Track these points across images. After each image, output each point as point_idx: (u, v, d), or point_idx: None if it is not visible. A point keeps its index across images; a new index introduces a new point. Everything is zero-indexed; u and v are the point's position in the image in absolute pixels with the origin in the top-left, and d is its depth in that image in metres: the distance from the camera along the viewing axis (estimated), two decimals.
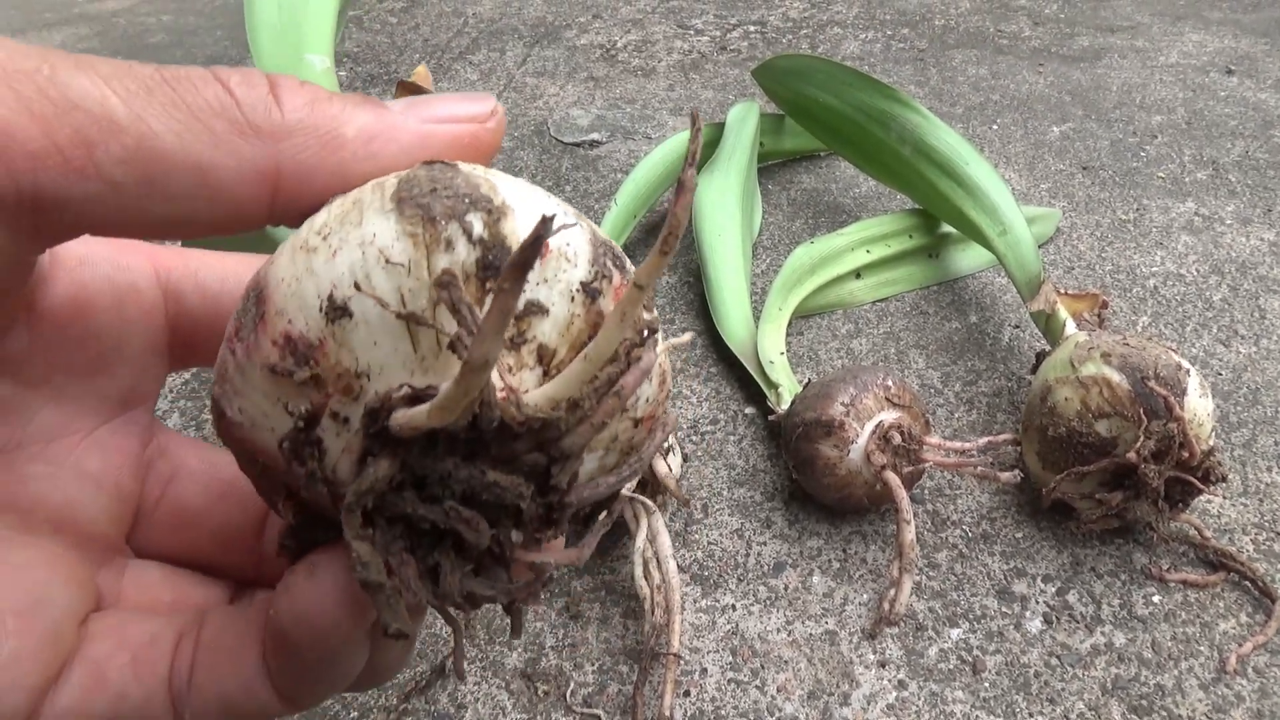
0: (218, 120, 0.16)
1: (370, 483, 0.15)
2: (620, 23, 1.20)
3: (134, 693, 0.17)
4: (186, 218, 0.16)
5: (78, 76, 0.15)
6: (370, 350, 0.16)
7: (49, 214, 0.15)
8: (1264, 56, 1.02)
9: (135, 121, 0.15)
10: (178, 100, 0.16)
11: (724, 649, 0.41)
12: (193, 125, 0.16)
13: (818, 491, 0.46)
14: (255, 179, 0.16)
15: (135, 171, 0.15)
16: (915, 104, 0.64)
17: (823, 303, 0.62)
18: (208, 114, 0.16)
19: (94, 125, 0.15)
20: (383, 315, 0.15)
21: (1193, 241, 0.69)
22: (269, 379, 0.16)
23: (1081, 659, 0.40)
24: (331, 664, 0.18)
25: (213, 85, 0.16)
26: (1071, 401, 0.43)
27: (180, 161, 0.15)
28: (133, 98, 0.15)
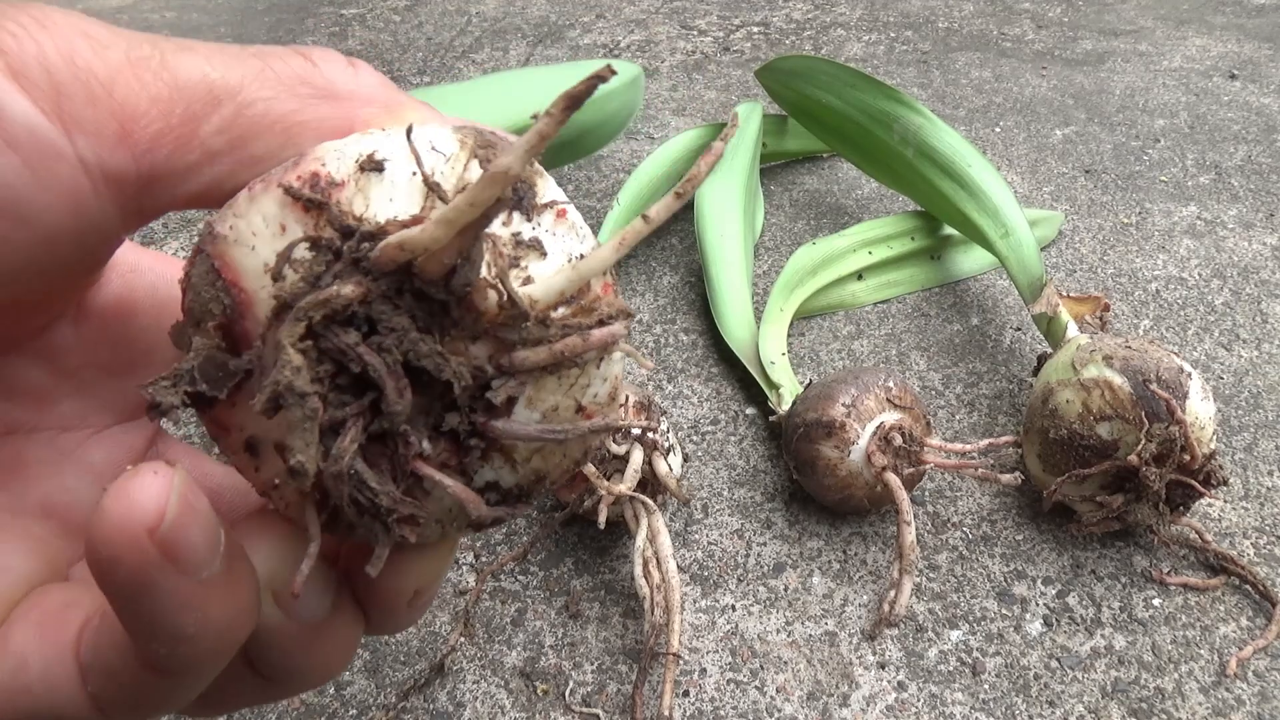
0: (303, 86, 0.18)
1: (328, 296, 0.15)
2: (623, 23, 1.20)
3: (34, 660, 0.17)
4: None
5: (183, 58, 0.16)
6: (384, 205, 0.16)
7: (155, 191, 0.17)
8: (1267, 61, 1.02)
9: (232, 93, 0.17)
10: (267, 70, 0.17)
11: (723, 649, 0.41)
12: (280, 92, 0.17)
13: (818, 492, 0.46)
14: (334, 137, 0.18)
15: (230, 139, 0.17)
16: (918, 105, 0.64)
17: (824, 304, 0.62)
18: (294, 81, 0.17)
19: (199, 101, 0.16)
20: (411, 181, 0.16)
21: (1195, 245, 0.69)
22: (278, 199, 0.17)
23: (1081, 662, 0.40)
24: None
25: (297, 57, 0.18)
26: (1073, 404, 0.43)
27: (269, 125, 0.17)
28: (229, 71, 0.17)
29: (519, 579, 0.44)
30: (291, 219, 0.16)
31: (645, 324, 0.62)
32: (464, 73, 1.05)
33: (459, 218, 0.14)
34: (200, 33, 1.23)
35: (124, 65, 0.16)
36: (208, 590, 0.16)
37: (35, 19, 0.16)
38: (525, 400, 0.17)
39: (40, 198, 0.16)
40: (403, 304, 0.16)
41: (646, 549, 0.40)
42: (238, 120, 0.17)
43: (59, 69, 0.15)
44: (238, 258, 0.17)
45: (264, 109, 0.17)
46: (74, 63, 0.16)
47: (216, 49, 0.17)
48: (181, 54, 0.17)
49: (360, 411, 0.16)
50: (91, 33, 0.16)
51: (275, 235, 0.17)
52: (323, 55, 0.18)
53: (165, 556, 0.15)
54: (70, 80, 0.16)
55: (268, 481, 0.18)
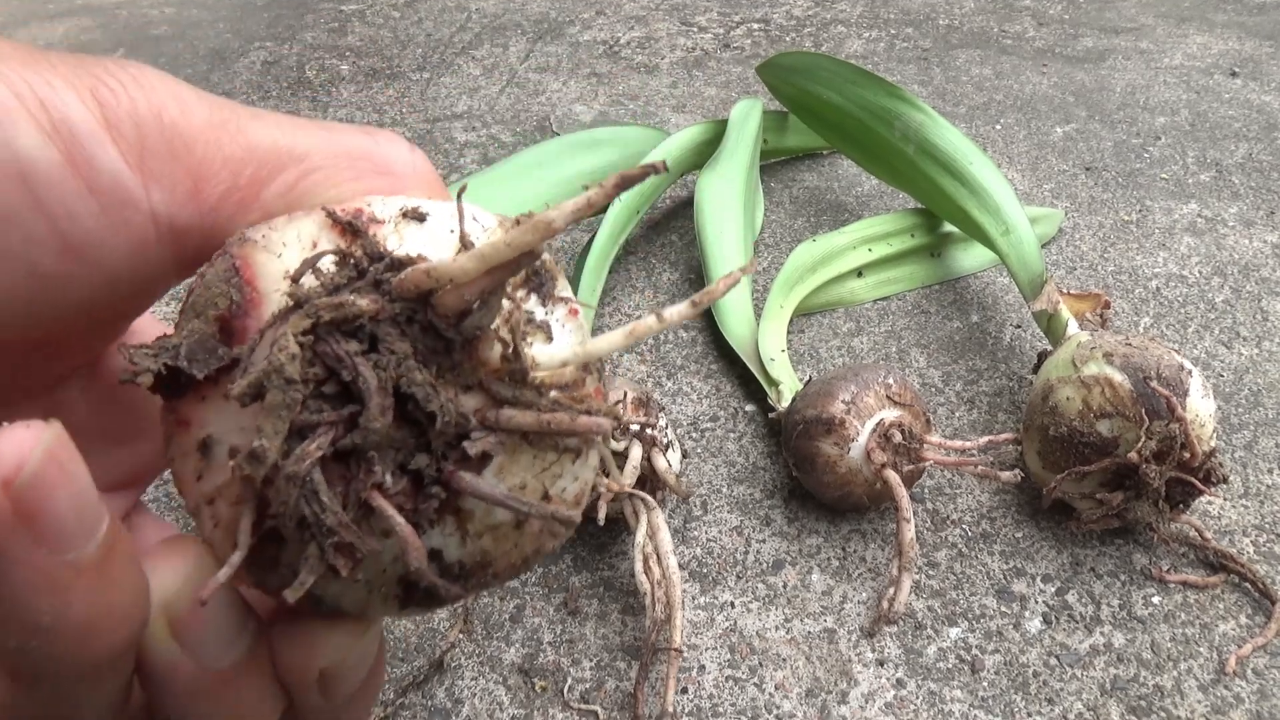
0: (363, 160, 0.19)
1: (342, 301, 0.15)
2: (624, 19, 1.20)
3: None
4: None
5: (258, 124, 0.18)
6: (418, 244, 0.17)
7: (211, 243, 0.18)
8: (1268, 59, 1.02)
9: (297, 159, 0.18)
10: (332, 141, 0.18)
11: (722, 646, 0.41)
12: (340, 162, 0.18)
13: (817, 489, 0.46)
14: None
15: (289, 201, 0.18)
16: (919, 102, 0.64)
17: (824, 301, 0.62)
18: (355, 154, 0.19)
19: (267, 165, 0.18)
20: (447, 236, 0.17)
21: (1195, 243, 0.69)
22: (318, 220, 0.17)
23: (1080, 659, 0.40)
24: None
25: (361, 134, 0.19)
26: (1073, 401, 0.43)
27: (326, 190, 0.18)
28: (298, 138, 0.18)
29: None
30: (325, 238, 0.17)
31: None
32: (464, 69, 1.05)
33: (494, 255, 0.15)
34: (199, 28, 1.23)
35: (205, 127, 0.17)
36: (74, 576, 0.14)
37: (134, 77, 0.17)
38: (496, 466, 0.17)
39: (110, 241, 0.17)
40: (410, 332, 0.16)
41: (646, 545, 0.40)
42: (299, 185, 0.18)
43: (148, 125, 0.17)
44: (261, 260, 0.17)
45: (323, 177, 0.18)
46: (161, 120, 0.17)
47: (288, 119, 0.19)
48: (256, 120, 0.18)
49: (336, 421, 0.15)
50: (181, 95, 0.17)
51: (305, 248, 0.17)
52: (388, 137, 0.20)
53: (19, 516, 0.13)
54: (156, 136, 0.17)
55: (207, 494, 0.17)
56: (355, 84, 1.02)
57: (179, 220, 0.17)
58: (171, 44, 1.17)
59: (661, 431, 0.44)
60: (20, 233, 0.16)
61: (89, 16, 1.29)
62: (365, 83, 1.02)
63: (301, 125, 0.19)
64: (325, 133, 0.19)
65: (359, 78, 1.04)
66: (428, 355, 0.16)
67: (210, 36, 1.19)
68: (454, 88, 1.00)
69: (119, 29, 1.24)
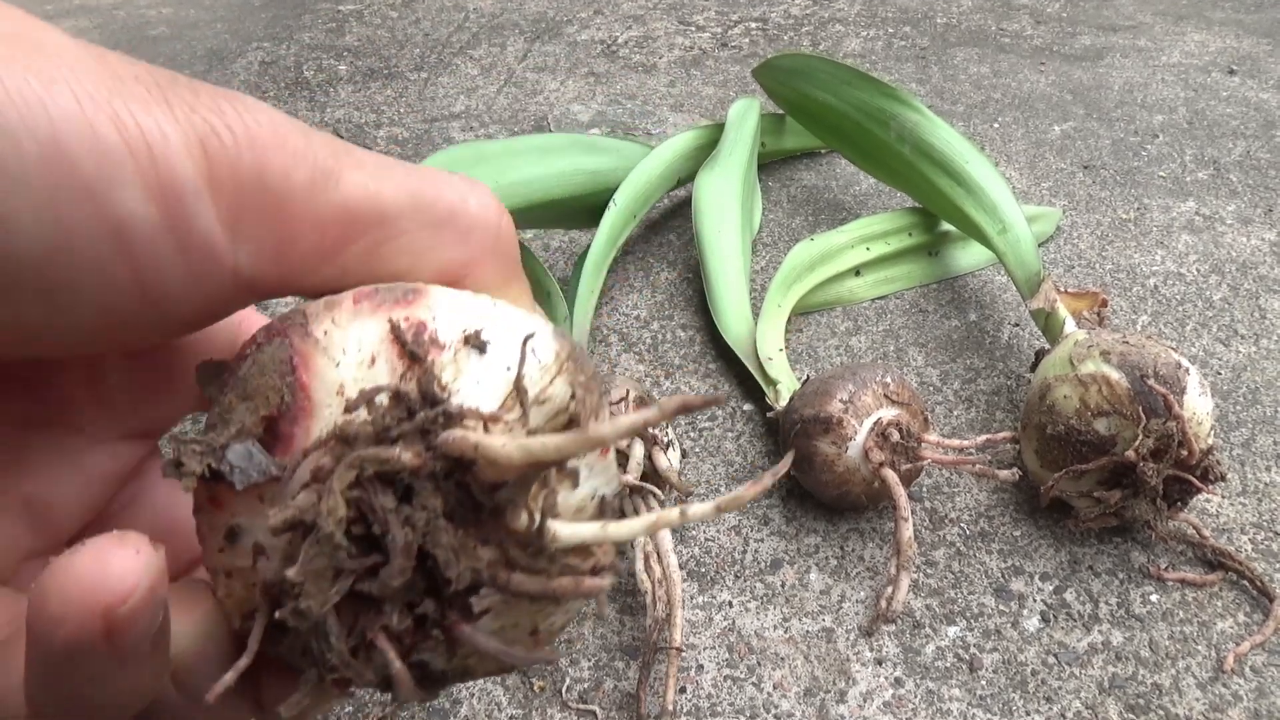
0: (447, 228, 0.19)
1: (389, 458, 0.16)
2: (621, 18, 1.20)
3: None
4: None
5: (354, 175, 0.18)
6: (471, 386, 0.17)
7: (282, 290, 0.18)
8: (1266, 56, 1.02)
9: (382, 222, 0.18)
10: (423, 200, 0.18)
11: (720, 646, 0.41)
12: (424, 227, 0.18)
13: (816, 488, 0.46)
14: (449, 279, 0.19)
15: (366, 261, 0.18)
16: (915, 102, 0.64)
17: (822, 300, 0.62)
18: (441, 218, 0.19)
19: (355, 225, 0.18)
20: (503, 375, 0.17)
21: (1193, 241, 0.69)
22: (381, 332, 0.17)
23: (1079, 657, 0.40)
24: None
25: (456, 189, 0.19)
26: (1070, 399, 0.43)
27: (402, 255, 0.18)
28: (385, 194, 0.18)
29: None
30: (384, 356, 0.17)
31: (643, 320, 0.62)
32: (461, 69, 1.05)
33: (543, 456, 0.15)
34: (197, 28, 1.23)
35: (304, 185, 0.17)
36: (126, 667, 0.15)
37: (246, 126, 0.17)
38: (494, 613, 0.17)
39: (189, 293, 0.17)
40: (444, 487, 0.16)
41: (647, 544, 0.40)
42: (379, 250, 0.18)
43: (248, 185, 0.17)
44: (320, 365, 0.17)
45: (404, 244, 0.18)
46: (263, 180, 0.17)
47: (387, 166, 0.18)
48: (357, 170, 0.18)
49: (359, 570, 0.16)
50: (288, 142, 0.17)
51: (363, 364, 0.17)
52: (479, 194, 0.19)
53: (107, 637, 0.14)
54: (255, 197, 0.17)
55: (225, 568, 0.18)
56: (353, 84, 1.02)
57: (258, 277, 0.17)
58: (169, 44, 1.17)
59: (662, 430, 0.44)
60: (101, 278, 0.16)
61: (86, 17, 1.29)
62: (363, 83, 1.02)
63: (397, 176, 0.18)
64: (417, 185, 0.19)
65: (357, 78, 1.04)
66: (456, 509, 0.16)
67: (208, 37, 1.19)
68: (452, 87, 1.00)
69: (116, 29, 1.24)
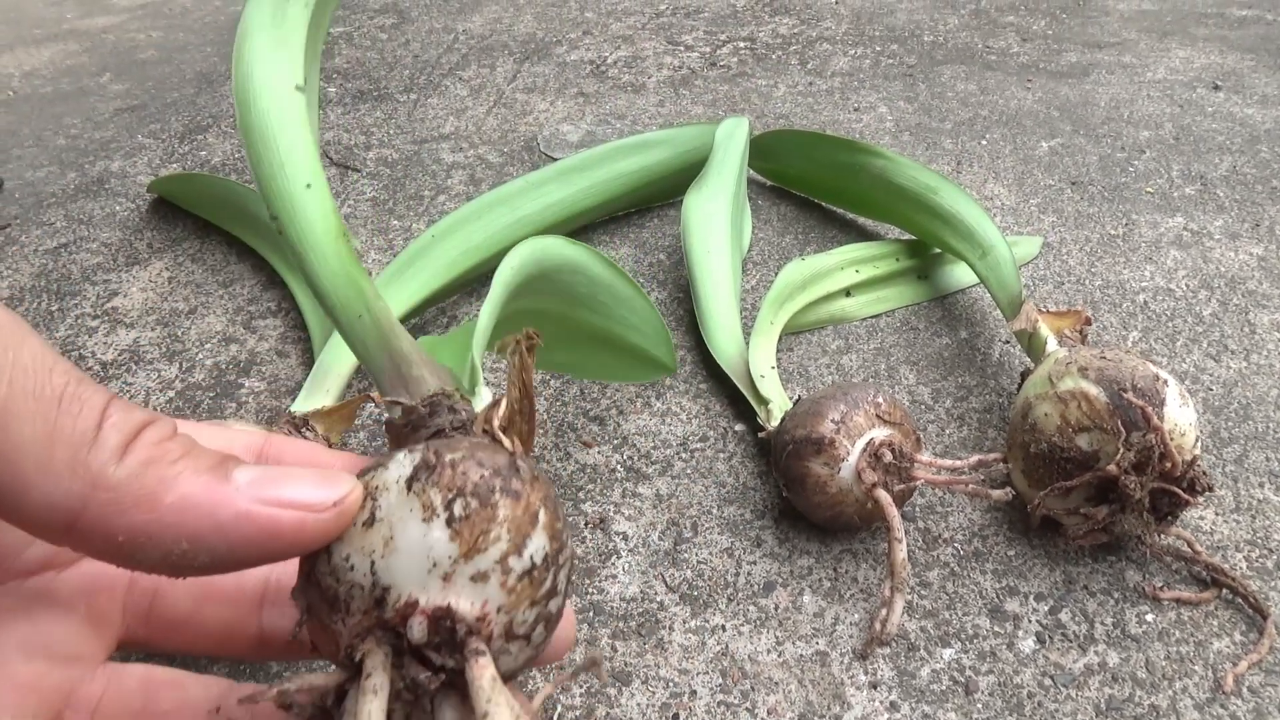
0: (64, 449, 0.17)
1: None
2: (610, 39, 1.20)
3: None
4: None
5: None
6: None
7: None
8: (1250, 72, 1.03)
9: (1, 414, 0.16)
10: (52, 418, 0.17)
11: (713, 670, 0.40)
12: (41, 444, 0.17)
13: (808, 510, 0.45)
14: (58, 513, 0.17)
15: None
16: (877, 148, 0.68)
17: (814, 319, 0.62)
18: (63, 440, 0.17)
19: None
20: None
21: (1182, 256, 0.69)
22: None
23: (1075, 679, 0.40)
24: None
25: (92, 416, 0.18)
26: (1051, 417, 0.43)
27: (8, 466, 0.17)
28: (20, 395, 0.17)
29: None
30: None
31: None
32: (451, 90, 1.05)
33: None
34: (186, 51, 1.23)
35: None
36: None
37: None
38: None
39: None
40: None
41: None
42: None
43: None
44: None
45: (12, 447, 0.17)
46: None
47: (43, 369, 0.17)
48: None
49: None
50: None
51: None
52: (116, 424, 0.18)
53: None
54: None
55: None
56: (342, 106, 1.02)
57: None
58: (158, 68, 1.17)
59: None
60: None
61: (75, 41, 1.29)
62: (352, 105, 1.02)
63: (38, 389, 0.18)
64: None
65: (346, 100, 1.04)
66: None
67: (197, 60, 1.19)
68: (441, 109, 1.00)
69: (105, 53, 1.24)
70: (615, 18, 1.29)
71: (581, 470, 0.51)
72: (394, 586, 0.19)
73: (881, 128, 0.92)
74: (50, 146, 0.94)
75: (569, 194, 0.68)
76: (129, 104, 1.05)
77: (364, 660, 0.18)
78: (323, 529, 0.19)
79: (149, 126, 0.98)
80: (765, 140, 0.78)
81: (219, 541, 0.18)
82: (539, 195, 0.67)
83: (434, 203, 0.80)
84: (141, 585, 0.22)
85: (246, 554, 0.18)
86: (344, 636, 0.19)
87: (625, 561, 0.46)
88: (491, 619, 0.20)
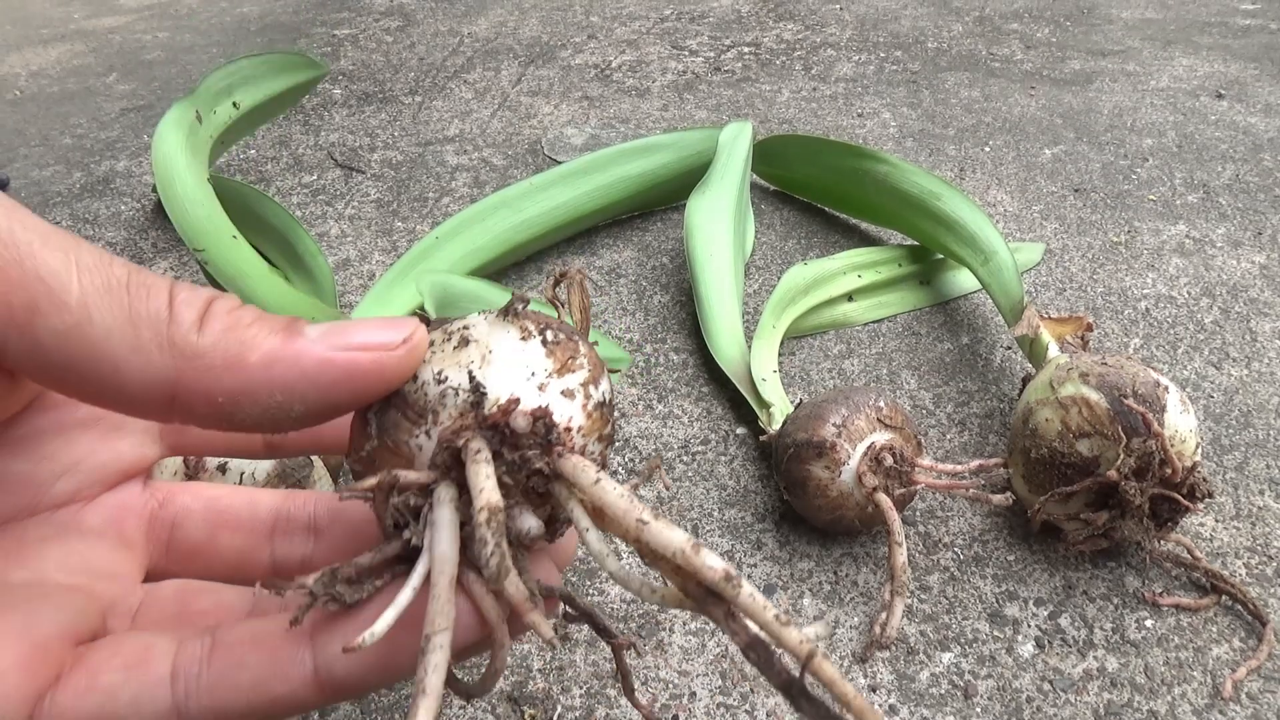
0: (146, 329, 0.18)
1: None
2: (615, 43, 1.21)
3: (124, 688, 0.19)
4: (94, 396, 0.18)
5: (57, 257, 0.17)
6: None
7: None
8: (1253, 81, 1.03)
9: (80, 308, 0.17)
10: (125, 303, 0.18)
11: (713, 672, 0.41)
12: (124, 328, 0.18)
13: (809, 513, 0.45)
14: (158, 386, 0.18)
15: (63, 347, 0.17)
16: (881, 154, 0.69)
17: (816, 323, 0.62)
18: (142, 321, 0.18)
19: (47, 299, 0.17)
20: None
21: (1184, 264, 0.69)
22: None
23: (1074, 684, 0.40)
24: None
25: (161, 297, 0.18)
26: (1052, 422, 0.43)
27: (101, 353, 0.18)
28: (91, 288, 0.18)
29: None
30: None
31: (636, 343, 0.62)
32: (456, 93, 1.05)
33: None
34: (192, 52, 1.23)
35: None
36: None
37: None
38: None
39: None
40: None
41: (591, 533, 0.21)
42: (73, 334, 0.18)
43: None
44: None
45: (100, 336, 0.18)
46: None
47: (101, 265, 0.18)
48: (60, 252, 0.18)
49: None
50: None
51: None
52: (186, 300, 0.19)
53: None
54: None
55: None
56: (348, 108, 1.02)
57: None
58: (164, 68, 1.18)
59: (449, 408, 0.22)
60: None
61: (82, 41, 1.30)
62: (358, 107, 1.02)
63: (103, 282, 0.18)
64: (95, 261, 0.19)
65: (351, 101, 1.04)
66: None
67: (203, 61, 1.20)
68: (446, 111, 1.00)
69: (112, 54, 1.24)
70: (620, 22, 1.30)
71: None
72: (492, 390, 0.20)
73: (885, 133, 0.93)
74: (56, 146, 0.95)
75: (572, 197, 0.69)
76: (135, 104, 1.06)
77: (466, 445, 0.19)
78: (398, 365, 0.20)
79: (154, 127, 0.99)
80: (769, 145, 0.78)
81: (308, 389, 0.19)
82: (543, 198, 0.67)
83: (438, 205, 0.80)
84: (160, 517, 0.24)
85: (337, 397, 0.19)
86: (435, 440, 0.20)
87: (626, 563, 0.46)
88: (574, 435, 0.21)
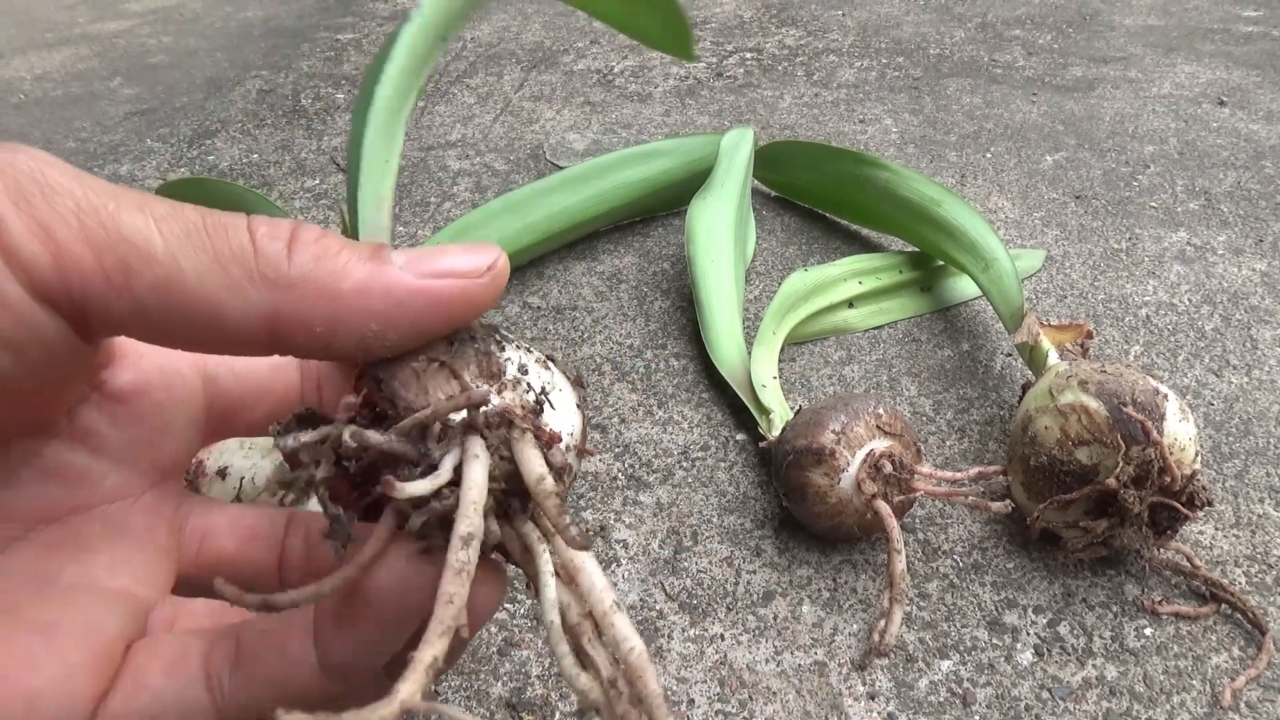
0: (235, 267, 0.19)
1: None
2: (617, 48, 1.21)
3: (167, 690, 0.20)
4: (200, 340, 0.19)
5: (135, 215, 0.18)
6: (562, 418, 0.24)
7: (94, 317, 0.18)
8: (1255, 88, 1.03)
9: (169, 259, 0.18)
10: (208, 246, 0.18)
11: (712, 679, 0.41)
12: (214, 269, 0.18)
13: (808, 520, 0.45)
14: (257, 320, 0.19)
15: (161, 299, 0.18)
16: (883, 160, 0.68)
17: (816, 329, 0.62)
18: (229, 260, 0.18)
19: (136, 257, 0.18)
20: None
21: (1185, 271, 0.69)
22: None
23: (1073, 692, 0.40)
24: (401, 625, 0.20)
25: (241, 234, 0.19)
26: (1051, 430, 0.43)
27: (198, 298, 0.18)
28: (173, 238, 0.18)
29: (505, 608, 0.44)
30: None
31: (636, 349, 0.62)
32: (458, 97, 1.05)
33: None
34: (196, 56, 1.24)
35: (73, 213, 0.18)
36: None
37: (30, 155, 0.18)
38: None
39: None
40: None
41: (567, 606, 0.20)
42: (168, 284, 0.18)
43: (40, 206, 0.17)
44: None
45: (194, 282, 0.18)
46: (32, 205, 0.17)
47: (174, 212, 0.18)
48: (135, 210, 0.18)
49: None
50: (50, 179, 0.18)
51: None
52: (268, 234, 0.19)
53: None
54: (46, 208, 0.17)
55: None
56: (350, 112, 1.02)
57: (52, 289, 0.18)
58: (168, 72, 1.18)
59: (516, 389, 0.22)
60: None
61: (86, 45, 1.30)
62: None
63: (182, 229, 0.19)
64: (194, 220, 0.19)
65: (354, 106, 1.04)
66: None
67: (207, 65, 1.20)
68: (448, 116, 1.00)
69: (116, 57, 1.25)
70: None
71: (582, 478, 0.51)
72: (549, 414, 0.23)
73: (886, 140, 0.93)
74: (60, 149, 0.95)
75: (574, 202, 0.69)
76: (139, 108, 1.06)
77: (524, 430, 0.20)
78: (483, 292, 0.21)
79: (158, 131, 0.99)
80: (770, 151, 0.78)
81: (401, 317, 0.19)
82: (544, 203, 0.67)
83: (440, 209, 0.80)
84: (191, 526, 0.24)
85: (430, 325, 0.20)
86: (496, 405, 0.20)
87: (625, 569, 0.46)
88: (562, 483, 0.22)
